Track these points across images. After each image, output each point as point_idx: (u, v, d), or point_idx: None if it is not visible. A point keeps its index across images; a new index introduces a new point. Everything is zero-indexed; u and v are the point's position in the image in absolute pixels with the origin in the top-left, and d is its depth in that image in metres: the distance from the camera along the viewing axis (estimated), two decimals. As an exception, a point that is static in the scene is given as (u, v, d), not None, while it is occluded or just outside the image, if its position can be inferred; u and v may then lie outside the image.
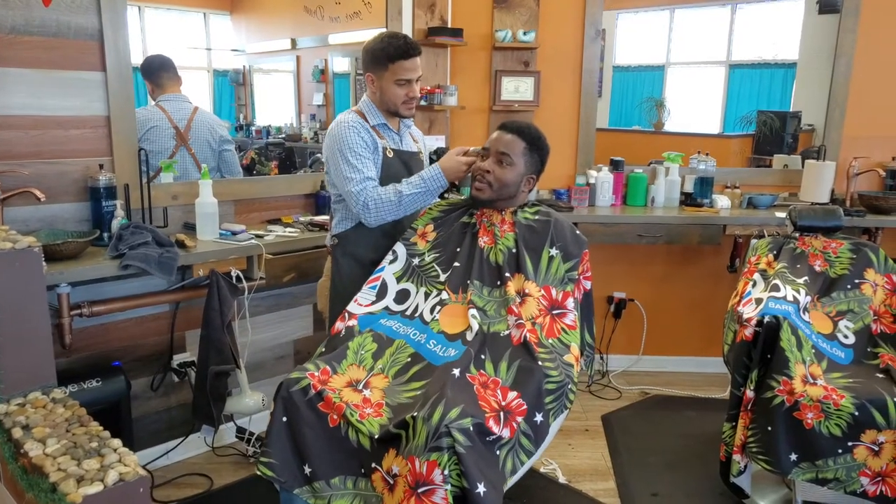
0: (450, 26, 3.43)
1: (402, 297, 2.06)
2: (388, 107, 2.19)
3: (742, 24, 4.80)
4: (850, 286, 2.46)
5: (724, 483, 2.35)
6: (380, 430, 1.65)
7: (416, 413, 1.60)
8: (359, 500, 1.66)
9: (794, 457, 2.08)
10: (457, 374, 1.75)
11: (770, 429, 2.10)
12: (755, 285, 2.46)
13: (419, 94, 2.23)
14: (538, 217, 2.09)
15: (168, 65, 2.91)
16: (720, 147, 4.41)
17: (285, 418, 1.72)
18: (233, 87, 3.84)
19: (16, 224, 2.10)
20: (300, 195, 2.98)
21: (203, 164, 2.65)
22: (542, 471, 2.64)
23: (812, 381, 2.09)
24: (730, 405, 2.29)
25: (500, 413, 1.68)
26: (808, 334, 2.27)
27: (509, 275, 1.98)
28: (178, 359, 2.61)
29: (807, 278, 2.46)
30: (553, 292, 1.98)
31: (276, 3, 4.00)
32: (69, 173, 2.25)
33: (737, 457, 2.22)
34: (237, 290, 2.42)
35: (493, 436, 1.62)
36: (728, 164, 3.71)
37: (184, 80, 2.97)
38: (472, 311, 1.93)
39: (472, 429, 1.56)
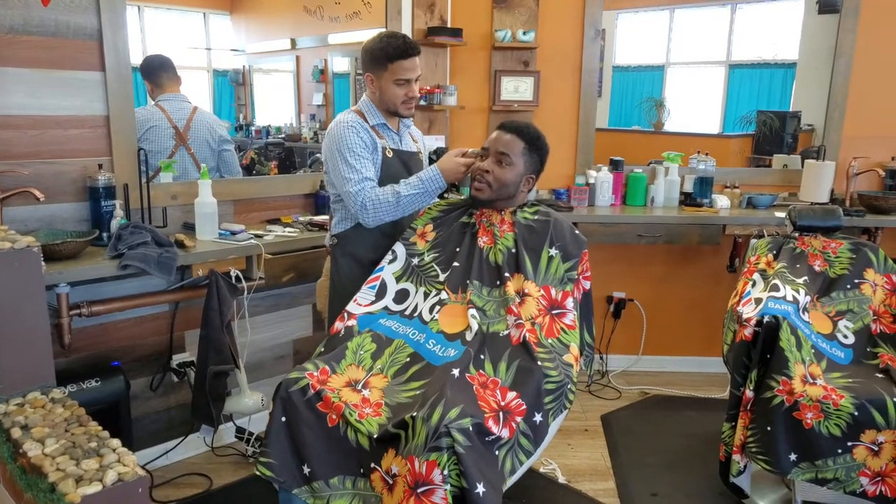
0: (449, 26, 3.43)
1: (402, 296, 2.06)
2: (387, 107, 2.19)
3: (742, 24, 4.80)
4: (849, 286, 2.46)
5: (723, 483, 2.35)
6: (379, 429, 1.65)
7: (415, 413, 1.60)
8: (358, 500, 1.66)
9: (793, 457, 2.08)
10: (456, 374, 1.75)
11: (769, 429, 2.10)
12: (755, 285, 2.46)
13: (418, 94, 2.23)
14: (537, 217, 2.09)
15: (167, 65, 2.91)
16: (720, 147, 4.41)
17: (284, 418, 1.72)
18: (232, 87, 3.84)
19: (15, 224, 2.10)
20: (299, 195, 2.98)
21: (202, 164, 2.65)
22: (541, 471, 2.64)
23: (811, 381, 2.09)
24: (729, 405, 2.28)
25: (500, 413, 1.68)
26: (808, 334, 2.27)
27: (509, 275, 1.98)
28: (177, 359, 2.61)
29: (806, 278, 2.46)
30: (552, 292, 1.98)
31: (276, 3, 3.99)
32: (68, 173, 2.25)
33: (736, 457, 2.22)
34: (236, 289, 2.42)
35: (493, 436, 1.62)
36: (728, 164, 3.71)
37: (183, 80, 2.97)
38: (472, 311, 1.92)
39: (471, 429, 1.56)
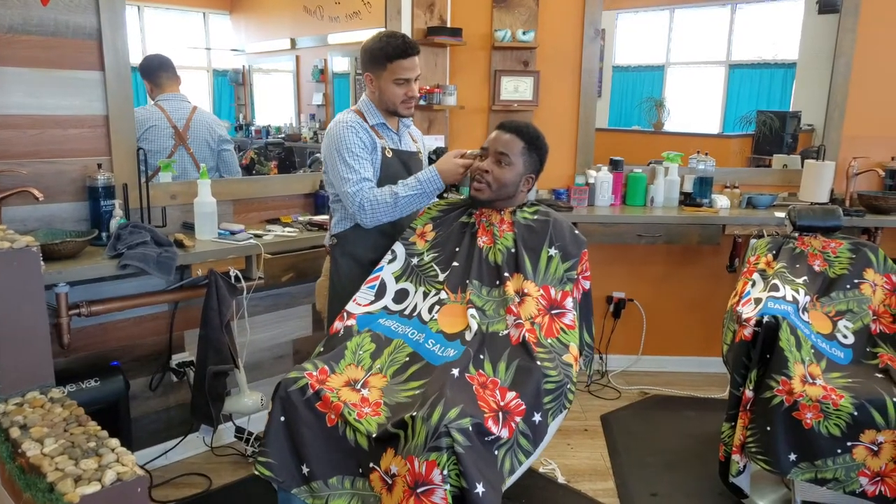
0: (449, 26, 3.43)
1: (401, 296, 2.06)
2: (387, 106, 2.18)
3: (742, 24, 4.79)
4: (849, 286, 2.46)
5: (723, 483, 2.35)
6: (378, 429, 1.65)
7: (414, 413, 1.59)
8: (356, 499, 1.66)
9: (793, 457, 2.08)
10: (456, 373, 1.75)
11: (769, 429, 2.10)
12: (754, 285, 2.46)
13: (418, 94, 2.23)
14: (537, 217, 2.09)
15: (167, 64, 2.91)
16: (720, 147, 4.41)
17: (283, 418, 1.72)
18: (232, 87, 3.84)
19: (14, 223, 2.10)
20: (299, 195, 2.98)
21: (202, 164, 2.65)
22: (541, 471, 2.63)
23: (811, 381, 2.09)
24: (729, 405, 2.28)
25: (499, 413, 1.68)
26: (808, 334, 2.27)
27: (508, 274, 1.98)
28: (176, 358, 2.61)
29: (806, 278, 2.46)
30: (552, 292, 1.97)
31: (276, 2, 3.99)
32: (67, 173, 2.25)
33: (736, 457, 2.22)
34: (236, 289, 2.42)
35: (492, 436, 1.62)
36: (727, 164, 3.71)
37: (183, 80, 2.97)
38: (471, 311, 1.92)
39: (471, 429, 1.56)
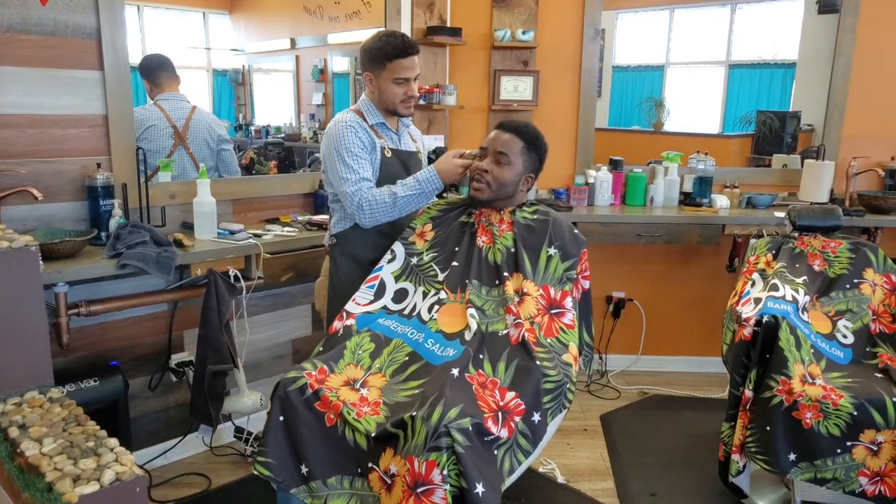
0: (449, 25, 3.43)
1: (401, 296, 2.06)
2: (386, 106, 2.18)
3: (742, 23, 4.80)
4: (849, 286, 2.46)
5: (722, 483, 2.35)
6: (377, 428, 1.64)
7: (414, 413, 1.59)
8: (355, 499, 1.66)
9: (792, 456, 2.07)
10: (455, 373, 1.75)
11: (769, 428, 2.10)
12: (754, 285, 2.46)
13: (418, 93, 2.22)
14: (536, 216, 2.08)
15: (166, 64, 2.91)
16: (719, 147, 4.41)
17: (282, 418, 1.72)
18: (232, 87, 3.84)
19: (13, 223, 2.10)
20: (298, 194, 2.98)
21: (201, 164, 2.65)
22: (540, 470, 2.63)
23: (811, 381, 2.09)
24: (728, 405, 2.28)
25: (499, 413, 1.68)
26: (807, 334, 2.27)
27: (508, 274, 1.98)
28: (176, 358, 2.60)
29: (806, 278, 2.46)
30: (551, 291, 1.97)
31: (276, 2, 3.99)
32: (67, 172, 2.24)
33: (735, 456, 2.22)
34: (235, 289, 2.42)
35: (492, 436, 1.62)
36: (727, 164, 3.71)
37: (183, 80, 2.97)
38: (471, 311, 1.92)
39: (470, 429, 1.56)
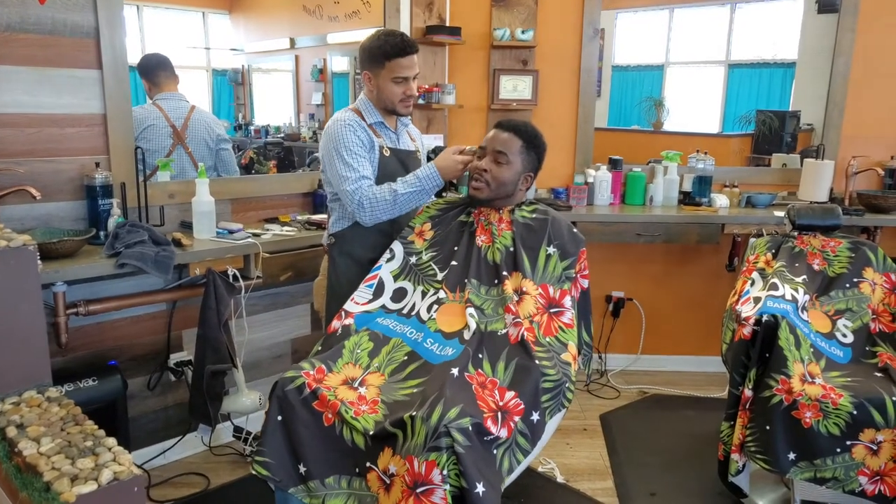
0: (448, 25, 3.43)
1: (399, 295, 2.05)
2: (385, 105, 2.18)
3: (741, 23, 4.80)
4: (848, 285, 2.46)
5: (722, 482, 2.34)
6: (375, 426, 1.64)
7: (414, 412, 1.59)
8: (353, 499, 1.66)
9: (792, 456, 2.07)
10: (455, 373, 1.75)
11: (768, 428, 2.09)
12: (753, 284, 2.46)
13: (417, 93, 2.22)
14: (536, 215, 2.08)
15: (165, 63, 2.91)
16: (719, 146, 4.41)
17: (280, 417, 1.71)
18: (231, 87, 3.85)
19: (11, 222, 2.09)
20: (297, 194, 2.98)
21: (200, 163, 2.65)
22: (540, 470, 2.63)
23: (810, 380, 2.09)
24: (728, 404, 2.28)
25: (498, 413, 1.67)
26: (807, 333, 2.26)
27: (507, 273, 1.98)
28: (174, 358, 2.60)
29: (805, 277, 2.46)
30: (550, 290, 1.97)
31: (275, 2, 3.99)
32: (65, 171, 2.24)
33: (735, 456, 2.22)
34: (234, 288, 2.42)
35: (491, 436, 1.61)
36: (727, 164, 3.71)
37: (182, 80, 2.97)
38: (470, 310, 1.92)
39: (470, 429, 1.56)
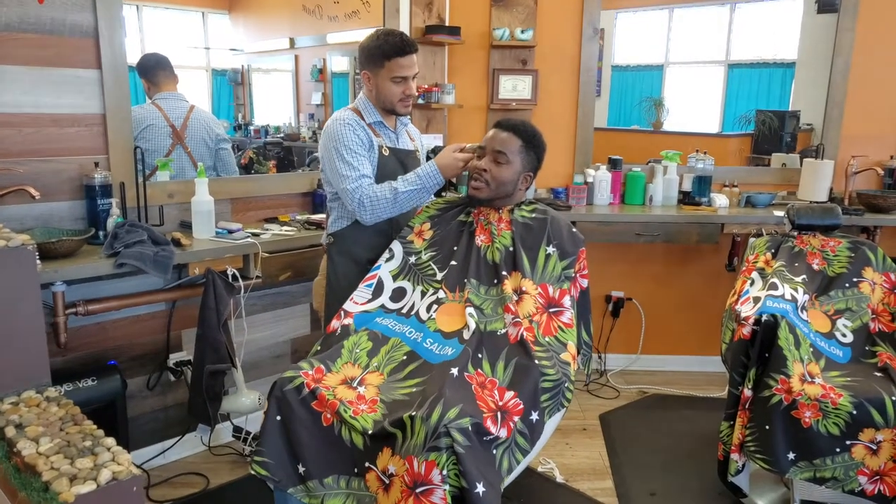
0: (447, 24, 3.43)
1: (399, 295, 2.05)
2: (384, 104, 2.17)
3: (741, 23, 4.80)
4: (848, 285, 2.46)
5: (722, 482, 2.34)
6: (374, 426, 1.64)
7: (413, 412, 1.59)
8: (351, 499, 1.66)
9: (791, 456, 2.07)
10: (455, 373, 1.74)
11: (768, 428, 2.09)
12: (753, 284, 2.46)
13: (416, 92, 2.22)
14: (535, 215, 2.08)
15: (164, 63, 2.91)
16: (719, 146, 4.41)
17: (279, 417, 1.71)
18: (231, 87, 3.84)
19: (10, 222, 2.09)
20: (297, 194, 2.98)
21: (199, 163, 2.65)
22: (539, 470, 2.63)
23: (810, 380, 2.09)
24: (728, 404, 2.28)
25: (498, 413, 1.67)
26: (806, 333, 2.26)
27: (506, 273, 1.98)
28: (174, 358, 2.60)
29: (805, 277, 2.46)
30: (550, 290, 1.97)
31: (275, 2, 3.99)
32: (64, 171, 2.24)
33: (735, 456, 2.22)
34: (233, 288, 2.41)
35: (491, 436, 1.61)
36: (726, 163, 3.71)
37: (182, 80, 2.97)
38: (469, 310, 1.92)
39: (470, 429, 1.56)
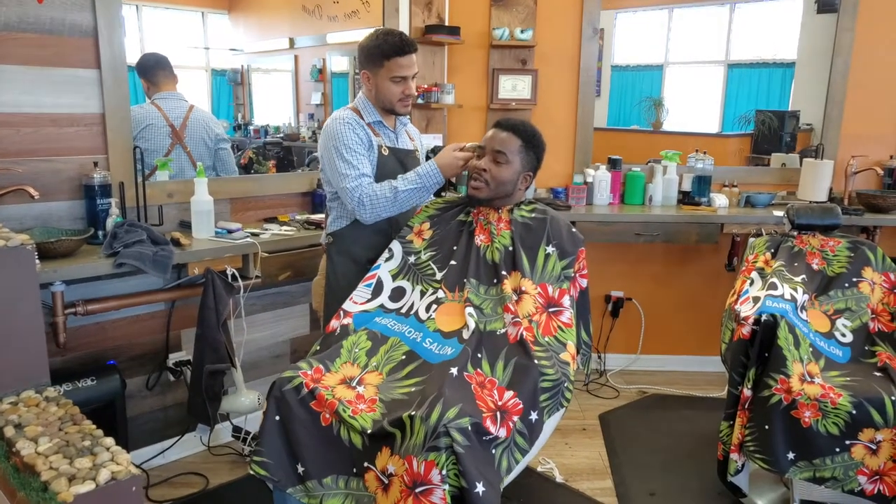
0: (447, 24, 3.43)
1: (398, 294, 2.05)
2: (384, 104, 2.17)
3: (741, 23, 4.80)
4: (847, 284, 2.46)
5: (721, 482, 2.34)
6: (373, 425, 1.64)
7: (413, 412, 1.59)
8: (350, 499, 1.65)
9: (791, 455, 2.07)
10: (454, 372, 1.74)
11: (767, 427, 2.09)
12: (753, 284, 2.46)
13: (415, 92, 2.21)
14: (534, 215, 2.08)
15: (163, 63, 2.90)
16: (718, 146, 4.42)
17: (278, 417, 1.71)
18: (231, 87, 3.84)
19: (10, 222, 2.09)
20: (296, 193, 2.98)
21: (199, 163, 2.65)
22: (539, 470, 2.63)
23: (809, 380, 2.09)
24: (727, 404, 2.28)
25: (497, 413, 1.67)
26: (806, 333, 2.26)
27: (506, 273, 1.97)
28: (173, 357, 2.60)
29: (804, 276, 2.46)
30: (549, 290, 1.97)
31: (275, 2, 3.99)
32: (63, 171, 2.24)
33: (734, 456, 2.22)
34: (233, 288, 2.41)
35: (490, 435, 1.61)
36: (726, 163, 3.71)
37: (181, 80, 2.96)
38: (469, 310, 1.91)
39: (469, 428, 1.56)
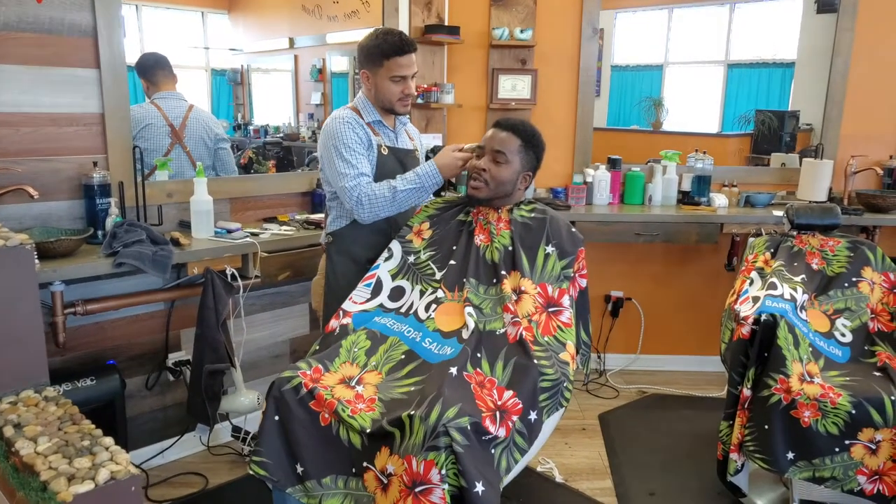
0: (447, 24, 3.43)
1: (397, 294, 2.05)
2: (383, 104, 2.17)
3: (740, 23, 4.80)
4: (847, 284, 2.46)
5: (721, 482, 2.34)
6: (372, 424, 1.64)
7: (412, 411, 1.59)
8: (349, 499, 1.65)
9: (791, 455, 2.07)
10: (454, 372, 1.74)
11: (767, 427, 2.09)
12: (752, 283, 2.46)
13: (415, 92, 2.21)
14: (534, 214, 2.08)
15: (163, 62, 2.90)
16: (718, 146, 4.41)
17: (277, 417, 1.71)
18: (231, 87, 3.84)
19: (9, 222, 2.09)
20: (296, 193, 2.98)
21: (198, 162, 2.65)
22: (539, 469, 2.63)
23: (809, 380, 2.09)
24: (727, 404, 2.28)
25: (497, 413, 1.67)
26: (806, 332, 2.26)
27: (505, 272, 1.97)
28: (173, 357, 2.60)
29: (804, 276, 2.46)
30: (549, 290, 1.97)
31: (274, 2, 3.99)
32: (63, 171, 2.24)
33: (734, 455, 2.22)
34: (232, 288, 2.41)
35: (490, 435, 1.61)
36: (726, 163, 3.71)
37: (181, 80, 2.96)
38: (469, 309, 1.91)
39: (469, 428, 1.56)
